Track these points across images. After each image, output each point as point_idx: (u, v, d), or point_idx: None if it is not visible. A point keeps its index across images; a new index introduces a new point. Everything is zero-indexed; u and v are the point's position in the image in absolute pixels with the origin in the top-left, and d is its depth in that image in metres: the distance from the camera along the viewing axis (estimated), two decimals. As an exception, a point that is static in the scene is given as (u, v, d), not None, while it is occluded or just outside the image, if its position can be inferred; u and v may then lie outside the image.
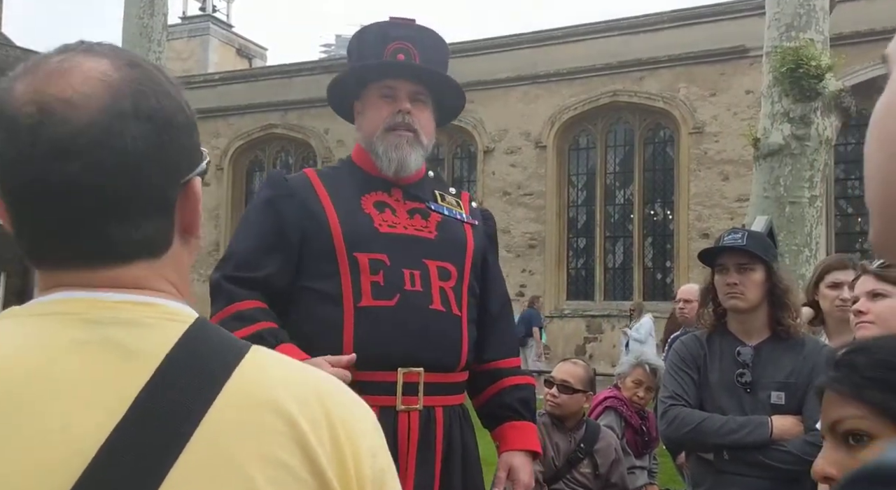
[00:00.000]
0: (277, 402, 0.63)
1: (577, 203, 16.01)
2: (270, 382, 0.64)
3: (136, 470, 0.57)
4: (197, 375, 0.62)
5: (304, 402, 0.64)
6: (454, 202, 1.79)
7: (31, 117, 0.61)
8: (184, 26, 22.65)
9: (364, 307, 1.57)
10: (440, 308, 1.61)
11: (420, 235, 1.66)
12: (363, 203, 1.67)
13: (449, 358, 1.63)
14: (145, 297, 0.65)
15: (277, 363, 0.68)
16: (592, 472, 2.85)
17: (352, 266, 1.59)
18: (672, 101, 14.66)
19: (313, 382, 0.67)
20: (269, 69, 19.86)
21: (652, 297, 14.94)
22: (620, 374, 3.69)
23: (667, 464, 4.19)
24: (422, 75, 1.72)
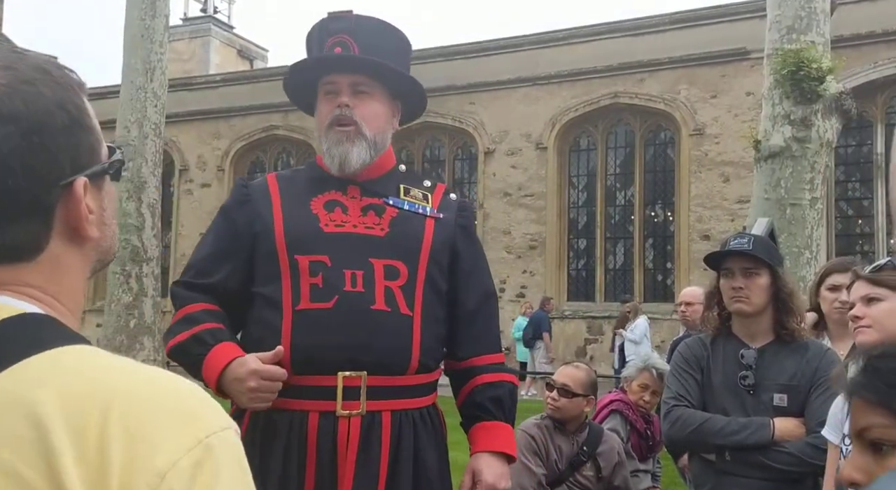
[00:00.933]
0: (34, 406, 0.57)
1: (577, 204, 16.02)
2: (43, 383, 0.59)
3: None
4: None
5: (76, 409, 0.57)
6: (420, 196, 1.71)
7: None
8: (185, 28, 22.67)
9: (301, 310, 1.55)
10: (384, 308, 1.55)
11: (369, 234, 1.60)
12: (312, 204, 1.63)
13: (396, 360, 1.56)
14: None
15: (80, 364, 0.61)
16: (595, 474, 2.86)
17: (292, 269, 1.57)
18: (673, 103, 14.67)
19: (107, 388, 0.59)
20: (271, 70, 19.87)
21: (652, 298, 14.94)
22: (627, 377, 3.70)
23: (668, 466, 4.20)
24: (357, 66, 1.65)
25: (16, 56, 0.68)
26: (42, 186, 0.65)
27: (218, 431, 0.60)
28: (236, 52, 23.50)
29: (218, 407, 0.63)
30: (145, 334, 11.00)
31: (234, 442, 0.62)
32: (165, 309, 15.85)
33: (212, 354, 1.53)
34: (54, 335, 0.63)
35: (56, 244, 0.67)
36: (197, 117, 18.36)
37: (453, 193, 1.80)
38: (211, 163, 18.41)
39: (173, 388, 0.62)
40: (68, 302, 0.69)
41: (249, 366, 1.48)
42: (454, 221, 1.72)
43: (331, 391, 1.51)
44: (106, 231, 0.72)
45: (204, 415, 0.61)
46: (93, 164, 0.69)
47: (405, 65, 1.73)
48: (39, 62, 0.68)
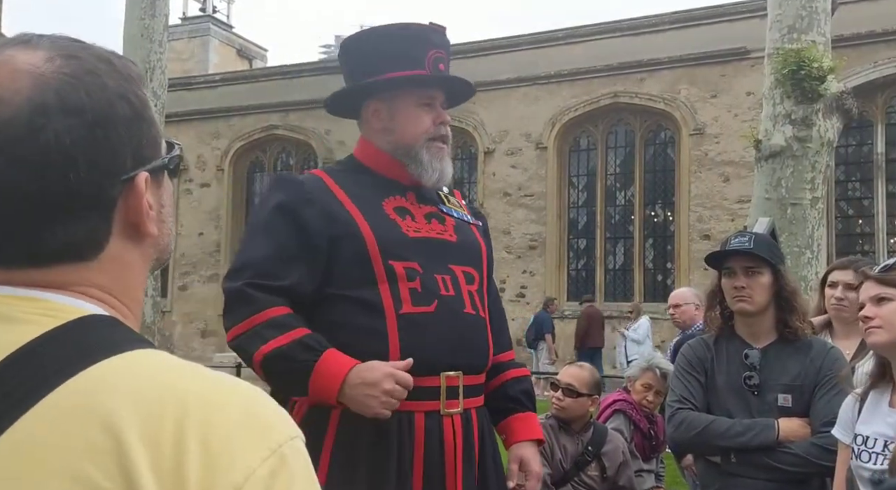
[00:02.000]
0: (109, 413, 0.55)
1: (577, 204, 16.02)
2: (116, 389, 0.57)
3: None
4: (33, 373, 0.57)
5: (151, 415, 0.56)
6: (456, 203, 1.82)
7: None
8: (184, 27, 22.65)
9: (405, 314, 1.58)
10: (472, 312, 1.65)
11: (444, 239, 1.68)
12: (385, 208, 1.65)
13: (480, 360, 1.69)
14: (31, 292, 0.61)
15: (149, 369, 0.60)
16: (600, 474, 2.86)
17: (388, 274, 1.59)
18: (673, 103, 14.67)
19: (180, 394, 0.58)
20: (270, 70, 19.87)
21: (652, 298, 14.94)
22: (630, 376, 3.70)
23: (671, 466, 4.20)
24: (454, 88, 1.79)
25: (79, 45, 0.66)
26: (105, 180, 0.62)
27: (289, 440, 0.59)
28: (235, 52, 23.48)
29: (286, 414, 0.62)
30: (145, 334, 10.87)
31: (303, 450, 0.60)
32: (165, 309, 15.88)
33: (325, 360, 1.49)
34: (122, 338, 0.61)
35: (117, 241, 0.65)
36: (196, 117, 18.35)
37: (465, 199, 1.94)
38: (210, 162, 18.40)
39: (246, 395, 0.60)
40: (130, 302, 0.67)
41: (384, 369, 1.48)
42: (482, 228, 1.86)
43: (435, 391, 1.59)
44: (164, 228, 0.70)
45: (276, 423, 0.60)
46: (154, 158, 0.67)
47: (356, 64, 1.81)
48: (103, 52, 0.66)
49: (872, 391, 1.82)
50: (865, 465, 1.75)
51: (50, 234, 0.61)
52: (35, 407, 0.55)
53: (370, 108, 1.72)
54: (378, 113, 1.71)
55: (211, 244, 18.23)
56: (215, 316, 17.95)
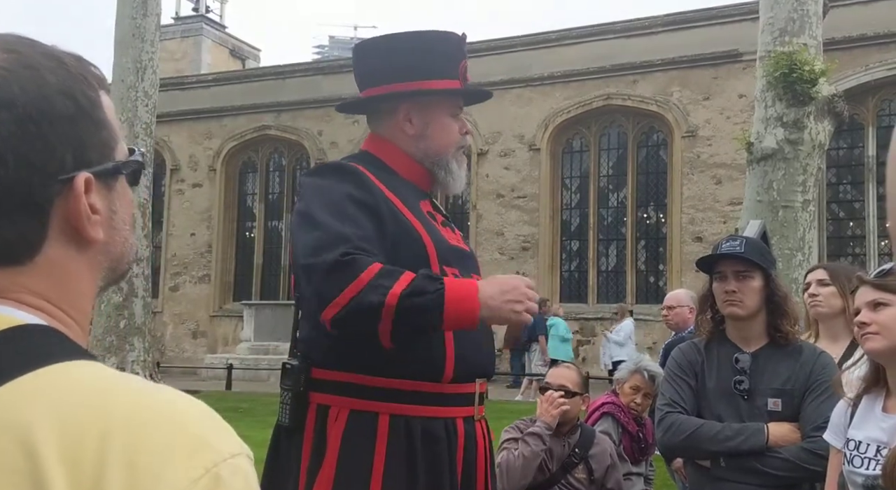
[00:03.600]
0: (27, 430, 0.52)
1: (570, 206, 16.04)
2: (38, 405, 0.54)
3: None
4: None
5: (73, 433, 0.53)
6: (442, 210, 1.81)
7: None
8: (177, 27, 22.58)
9: None
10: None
11: (462, 248, 1.72)
12: (420, 213, 1.65)
13: (493, 367, 1.74)
14: None
15: (79, 385, 0.56)
16: (587, 476, 2.84)
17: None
18: (665, 105, 14.70)
19: (109, 411, 0.54)
20: (263, 70, 19.81)
21: (644, 300, 14.97)
22: (619, 379, 3.68)
23: (661, 469, 4.19)
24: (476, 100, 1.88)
25: (26, 42, 0.63)
26: (38, 179, 0.59)
27: (228, 458, 0.55)
28: (228, 52, 23.42)
29: (230, 430, 0.58)
30: (135, 335, 10.93)
31: (246, 469, 0.56)
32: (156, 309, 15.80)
33: (451, 285, 1.44)
34: (56, 349, 0.58)
35: (55, 246, 0.61)
36: (188, 117, 18.28)
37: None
38: (202, 162, 18.33)
39: (180, 411, 0.57)
40: (74, 312, 0.64)
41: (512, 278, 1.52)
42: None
43: (471, 397, 1.63)
44: (115, 236, 0.66)
45: (213, 440, 0.56)
46: (102, 161, 0.64)
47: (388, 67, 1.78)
48: (55, 51, 0.63)
49: (865, 396, 1.80)
50: (858, 470, 1.73)
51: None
52: None
53: (402, 112, 1.69)
54: (412, 119, 1.69)
55: (203, 244, 18.16)
56: (206, 317, 17.88)
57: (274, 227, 18.33)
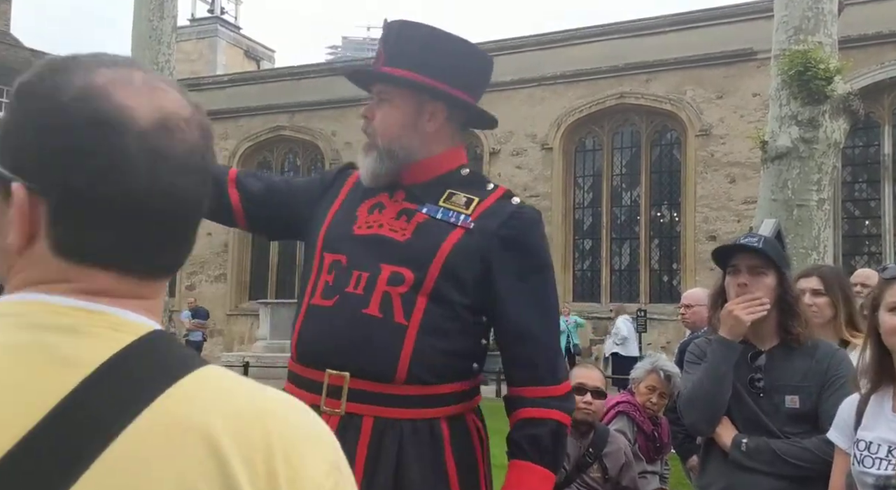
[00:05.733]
0: (206, 429, 0.59)
1: (583, 205, 16.02)
2: (205, 406, 0.60)
3: (42, 473, 0.55)
4: (123, 390, 0.58)
5: (241, 432, 0.59)
6: (463, 202, 1.62)
7: (158, 130, 0.63)
8: (192, 28, 22.74)
9: (311, 305, 1.60)
10: (376, 314, 1.52)
11: (390, 237, 1.57)
12: (361, 206, 1.65)
13: (379, 367, 1.51)
14: (98, 306, 0.62)
15: (225, 386, 0.63)
16: (602, 476, 2.86)
17: (320, 265, 1.61)
18: (679, 104, 14.66)
19: (259, 412, 0.61)
20: (278, 71, 19.92)
21: (658, 299, 14.93)
22: (634, 378, 3.69)
23: (676, 468, 4.20)
24: (357, 80, 1.74)
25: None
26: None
27: (338, 450, 0.64)
28: (243, 53, 23.56)
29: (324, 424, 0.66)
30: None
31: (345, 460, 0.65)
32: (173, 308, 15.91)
33: None
34: (187, 354, 0.64)
35: None
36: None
37: (516, 198, 1.65)
38: (218, 163, 18.45)
39: (304, 410, 0.64)
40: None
41: None
42: (494, 231, 1.58)
43: (318, 386, 1.52)
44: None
45: (325, 435, 0.64)
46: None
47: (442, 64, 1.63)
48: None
49: (874, 395, 1.80)
50: (869, 470, 1.72)
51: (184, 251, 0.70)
52: (132, 424, 0.57)
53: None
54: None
55: (219, 244, 18.29)
56: (223, 315, 18.01)
57: (288, 227, 18.42)
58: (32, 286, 0.63)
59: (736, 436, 2.11)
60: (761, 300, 2.12)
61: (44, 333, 0.59)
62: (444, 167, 1.67)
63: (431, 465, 1.51)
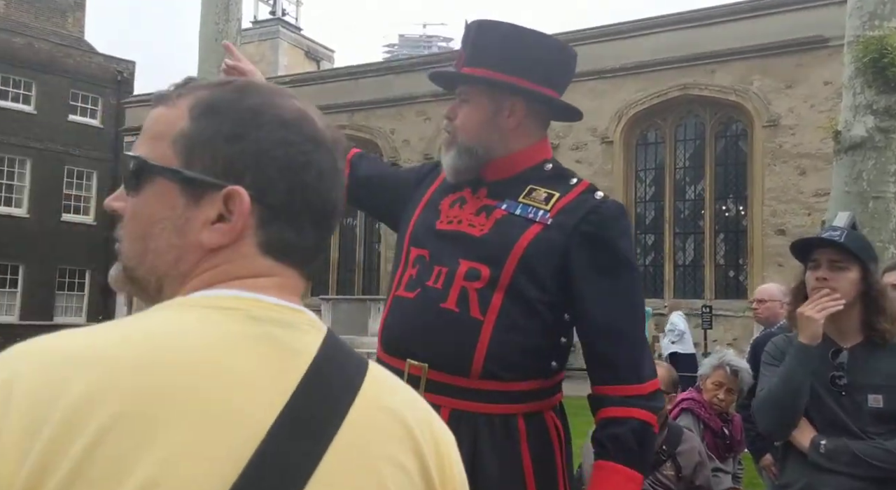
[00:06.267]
0: (398, 411, 0.70)
1: (644, 199, 15.76)
2: (391, 392, 0.72)
3: (295, 456, 0.61)
4: (339, 378, 0.67)
5: (415, 416, 0.71)
6: (543, 197, 1.61)
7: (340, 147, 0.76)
8: (255, 30, 23.27)
9: (396, 296, 1.64)
10: (453, 308, 1.54)
11: (469, 232, 1.59)
12: (444, 200, 1.68)
13: (455, 361, 1.52)
14: (297, 305, 0.71)
15: (392, 378, 0.75)
16: (675, 474, 2.83)
17: (406, 258, 1.66)
18: (745, 94, 14.25)
19: (422, 401, 0.75)
20: (337, 71, 20.21)
21: (724, 295, 14.58)
22: (702, 375, 3.64)
23: (750, 468, 4.12)
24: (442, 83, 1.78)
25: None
26: None
27: None
28: (304, 54, 23.99)
29: None
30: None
31: None
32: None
33: None
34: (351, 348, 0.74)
35: None
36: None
37: (600, 192, 1.63)
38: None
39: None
40: None
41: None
42: (574, 227, 1.55)
43: (400, 375, 1.51)
44: None
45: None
46: None
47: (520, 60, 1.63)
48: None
49: None
50: None
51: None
52: (354, 403, 0.67)
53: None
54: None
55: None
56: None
57: (350, 225, 18.71)
58: (238, 280, 0.69)
59: (814, 437, 2.06)
60: (833, 296, 2.06)
61: (267, 326, 0.67)
62: (526, 163, 1.67)
63: (507, 460, 1.51)
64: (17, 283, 24.15)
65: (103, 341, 0.61)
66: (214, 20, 11.37)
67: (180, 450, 0.57)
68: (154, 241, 0.70)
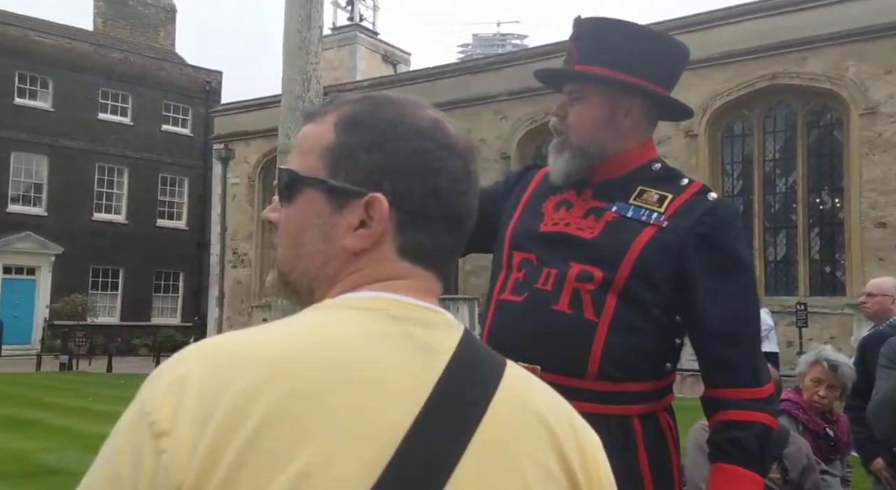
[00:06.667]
0: (539, 411, 0.70)
1: (732, 193, 15.22)
2: (531, 391, 0.72)
3: (436, 452, 0.63)
4: (477, 376, 0.69)
5: (557, 417, 0.72)
6: (655, 199, 1.59)
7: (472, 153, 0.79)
8: (334, 36, 23.79)
9: (500, 300, 1.63)
10: (566, 310, 1.54)
11: (578, 235, 1.58)
12: (546, 203, 1.67)
13: (569, 362, 1.52)
14: (434, 305, 0.74)
15: (531, 377, 0.76)
16: (782, 476, 2.73)
17: (509, 263, 1.65)
18: (840, 81, 13.57)
19: (562, 401, 0.76)
20: (415, 74, 20.43)
21: (820, 292, 13.92)
22: (799, 373, 3.49)
23: (859, 471, 3.92)
24: (548, 80, 1.71)
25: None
26: None
27: None
28: (381, 58, 24.35)
29: None
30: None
31: None
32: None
33: None
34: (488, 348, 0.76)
35: None
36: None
37: (713, 193, 1.61)
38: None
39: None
40: None
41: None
42: (689, 229, 1.54)
43: None
44: None
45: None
46: None
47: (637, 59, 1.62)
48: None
49: None
50: None
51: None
52: (492, 401, 0.68)
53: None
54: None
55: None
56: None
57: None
58: (379, 283, 0.73)
59: None
60: None
61: (406, 325, 0.70)
62: (635, 162, 1.65)
63: (626, 461, 1.50)
64: (118, 286, 25.51)
65: (262, 341, 0.66)
66: (297, 28, 11.70)
67: (332, 442, 0.60)
68: (304, 247, 0.75)
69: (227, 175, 21.19)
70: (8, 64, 23.34)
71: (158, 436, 0.59)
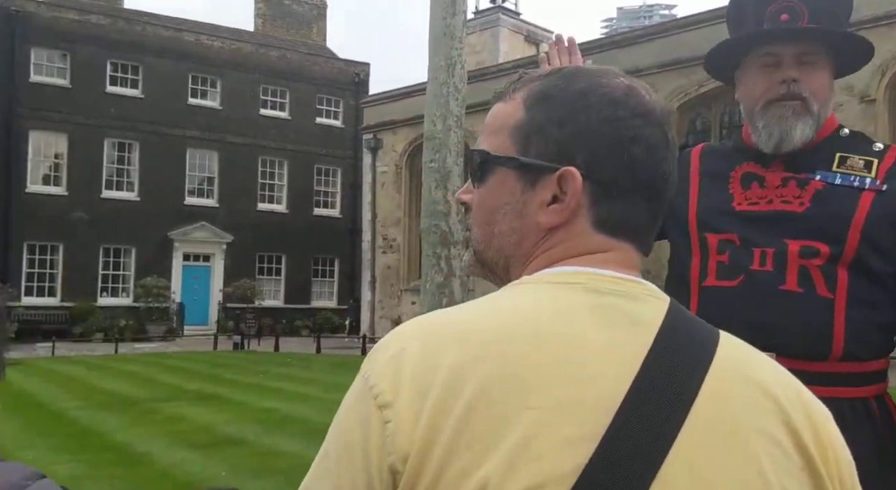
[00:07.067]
0: (763, 383, 0.67)
1: (917, 163, 13.73)
2: (752, 364, 0.69)
3: (655, 421, 0.62)
4: (689, 347, 0.66)
5: (782, 387, 0.68)
6: (861, 164, 1.52)
7: (670, 118, 0.76)
8: (477, 20, 23.88)
9: (707, 287, 1.54)
10: (796, 289, 1.45)
11: (785, 209, 1.50)
12: (731, 180, 1.59)
13: (810, 344, 1.44)
14: (635, 277, 0.72)
15: (750, 348, 0.72)
16: None
17: (702, 246, 1.56)
18: None
19: (786, 373, 0.71)
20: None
21: None
22: None
23: None
24: (805, 36, 1.54)
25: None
26: None
27: None
28: (523, 38, 24.15)
29: None
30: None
31: None
32: (471, 288, 17.01)
33: None
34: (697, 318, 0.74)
35: None
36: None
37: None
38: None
39: None
40: None
41: None
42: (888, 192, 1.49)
43: None
44: None
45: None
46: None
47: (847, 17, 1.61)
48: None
49: None
50: None
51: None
52: (707, 376, 0.65)
53: (736, 77, 1.65)
54: (737, 80, 1.64)
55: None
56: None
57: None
58: (576, 257, 0.72)
59: None
60: None
61: (609, 297, 0.68)
62: (828, 129, 1.58)
63: (872, 446, 1.42)
64: (281, 272, 27.33)
65: (470, 317, 0.67)
66: (442, 15, 11.81)
67: (551, 409, 0.61)
68: (498, 225, 0.75)
69: (375, 163, 21.98)
70: (183, 67, 25.53)
71: (382, 407, 0.62)
